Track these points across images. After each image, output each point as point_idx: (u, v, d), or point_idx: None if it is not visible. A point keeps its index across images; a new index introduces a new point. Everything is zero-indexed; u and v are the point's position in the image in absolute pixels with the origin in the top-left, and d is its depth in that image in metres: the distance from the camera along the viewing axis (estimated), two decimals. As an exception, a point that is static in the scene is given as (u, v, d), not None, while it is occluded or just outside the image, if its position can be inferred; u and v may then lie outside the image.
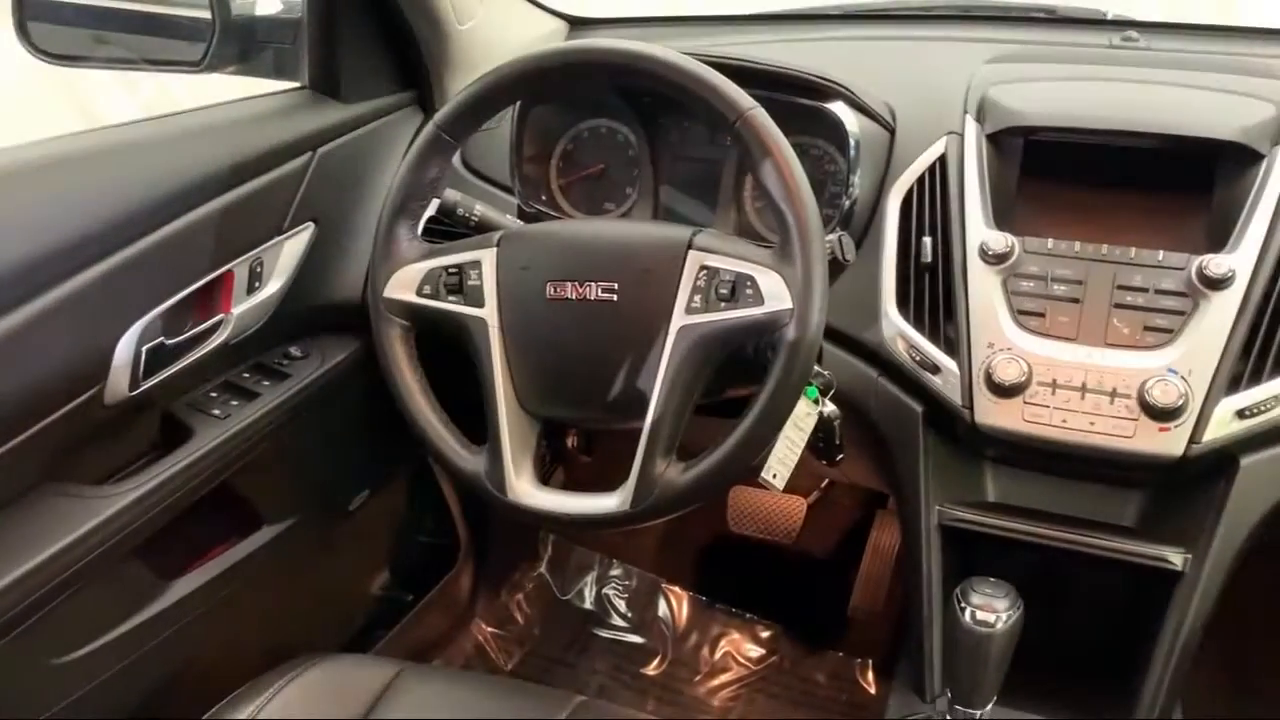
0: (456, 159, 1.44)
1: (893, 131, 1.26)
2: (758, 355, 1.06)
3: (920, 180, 1.20)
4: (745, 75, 1.15)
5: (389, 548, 1.75)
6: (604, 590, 2.04)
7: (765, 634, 1.95)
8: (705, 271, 1.01)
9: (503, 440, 1.06)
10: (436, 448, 1.09)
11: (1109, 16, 1.54)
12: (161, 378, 1.18)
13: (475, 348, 1.08)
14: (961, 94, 1.25)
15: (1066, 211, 1.18)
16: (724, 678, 1.91)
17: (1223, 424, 1.05)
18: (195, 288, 1.20)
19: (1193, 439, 1.05)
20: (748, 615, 1.98)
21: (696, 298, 1.00)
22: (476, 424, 1.09)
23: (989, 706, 1.00)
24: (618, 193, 1.40)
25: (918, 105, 1.28)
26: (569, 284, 1.04)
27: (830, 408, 1.14)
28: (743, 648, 1.95)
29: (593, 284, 1.04)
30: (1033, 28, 1.54)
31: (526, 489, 1.06)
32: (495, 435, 1.07)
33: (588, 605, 2.03)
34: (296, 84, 1.41)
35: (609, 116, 1.40)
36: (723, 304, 0.99)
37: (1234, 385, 1.05)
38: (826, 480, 1.93)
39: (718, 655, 1.94)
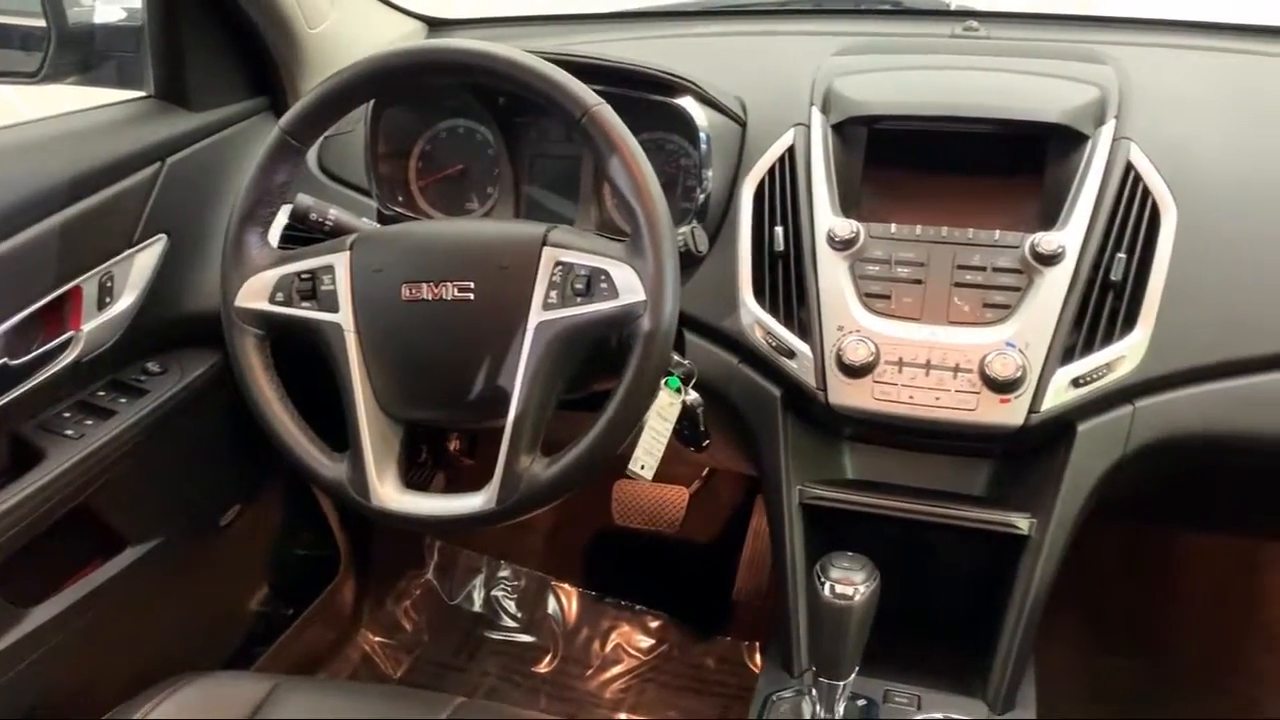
0: (313, 164, 1.43)
1: (744, 125, 1.29)
2: (621, 348, 1.07)
3: (771, 171, 1.23)
4: (593, 73, 1.17)
5: (266, 562, 1.72)
6: (493, 592, 2.04)
7: (654, 624, 1.98)
8: (560, 267, 1.02)
9: (364, 445, 1.06)
10: (296, 456, 1.08)
11: (952, 7, 1.61)
12: (7, 400, 1.14)
13: (332, 353, 1.07)
14: (808, 86, 1.28)
15: (909, 197, 1.23)
16: (615, 670, 1.93)
17: (1059, 393, 1.10)
18: (40, 305, 1.16)
19: (1032, 408, 1.10)
20: (637, 607, 2.01)
21: (553, 293, 1.02)
22: (344, 430, 1.08)
23: (852, 676, 1.03)
24: (479, 192, 1.40)
25: (768, 98, 1.31)
26: (424, 284, 1.05)
27: (693, 396, 1.16)
28: (633, 639, 1.97)
29: (448, 284, 1.04)
30: (880, 20, 1.59)
31: (390, 494, 1.06)
32: (356, 441, 1.06)
33: (477, 608, 2.03)
34: (142, 93, 1.38)
35: (466, 116, 1.40)
36: (579, 299, 1.01)
37: (1068, 356, 1.11)
38: (707, 469, 1.96)
39: (608, 648, 1.96)
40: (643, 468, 1.13)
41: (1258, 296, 1.12)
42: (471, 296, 1.04)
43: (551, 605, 2.01)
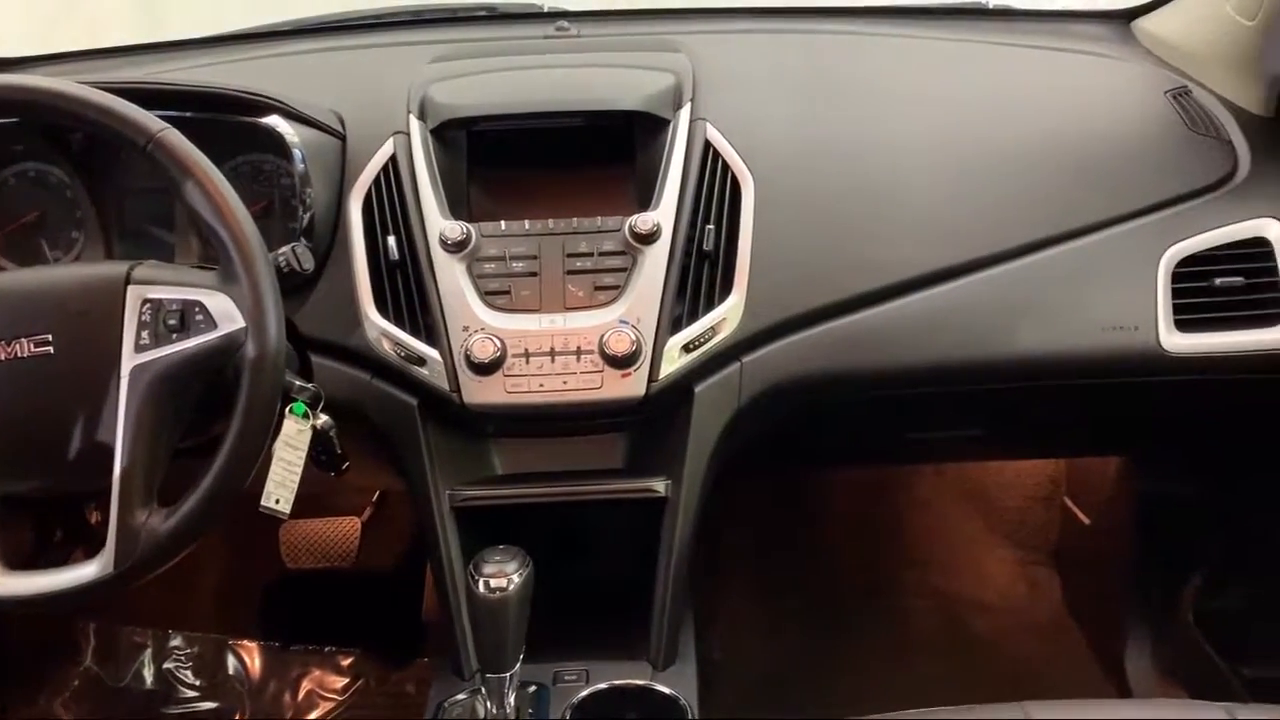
0: None
1: (343, 138, 1.27)
2: (238, 384, 1.03)
3: (376, 182, 1.23)
4: (167, 99, 1.12)
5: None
6: (164, 665, 1.90)
7: (346, 662, 1.91)
8: (149, 305, 0.97)
9: None
10: None
11: (545, 9, 1.66)
12: None
13: None
14: (405, 95, 1.28)
15: (517, 193, 1.26)
16: (311, 717, 1.85)
17: (672, 360, 1.17)
18: None
19: (651, 378, 1.16)
20: (326, 649, 1.93)
21: (145, 333, 0.97)
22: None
23: (518, 666, 1.05)
24: (61, 238, 1.29)
25: (366, 110, 1.30)
26: None
27: (324, 419, 1.13)
28: (325, 681, 1.90)
29: (22, 340, 0.96)
30: (475, 26, 1.62)
31: None
32: None
33: (149, 685, 1.88)
34: None
35: (36, 159, 1.28)
36: (174, 335, 0.96)
37: (677, 325, 1.18)
38: (377, 494, 1.93)
39: (300, 696, 1.88)
40: (277, 502, 1.09)
41: (828, 251, 1.24)
42: (51, 350, 0.96)
43: (232, 665, 1.90)
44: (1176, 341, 1.23)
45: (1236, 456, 1.54)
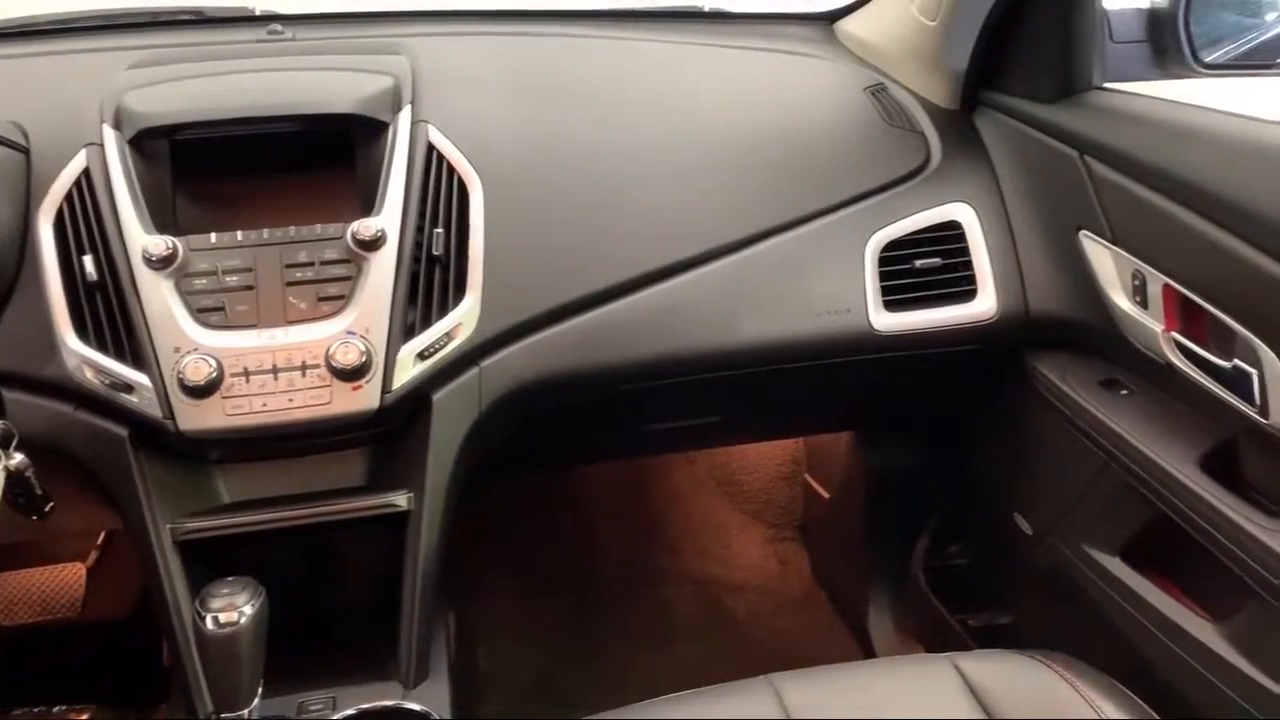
0: None
1: (26, 152, 1.17)
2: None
3: (69, 197, 1.14)
4: None
5: None
6: None
7: (80, 719, 1.76)
8: None
9: None
10: None
11: (257, 13, 1.59)
12: None
13: None
14: (98, 104, 1.20)
15: (227, 205, 1.20)
16: (42, 785, 1.69)
17: (406, 369, 1.14)
18: None
19: (385, 389, 1.13)
20: (55, 709, 1.76)
21: None
22: None
23: (256, 701, 0.99)
24: None
25: (54, 122, 1.21)
26: None
27: (18, 459, 1.03)
28: (56, 744, 1.73)
29: None
30: (180, 31, 1.53)
31: None
32: None
33: None
34: None
35: None
36: None
37: (410, 332, 1.15)
38: (103, 535, 1.78)
39: (28, 763, 1.70)
40: (-31, 553, 0.98)
41: (560, 250, 1.25)
42: None
43: (-63, 746, 1.70)
44: (885, 321, 1.32)
45: (946, 426, 1.67)
